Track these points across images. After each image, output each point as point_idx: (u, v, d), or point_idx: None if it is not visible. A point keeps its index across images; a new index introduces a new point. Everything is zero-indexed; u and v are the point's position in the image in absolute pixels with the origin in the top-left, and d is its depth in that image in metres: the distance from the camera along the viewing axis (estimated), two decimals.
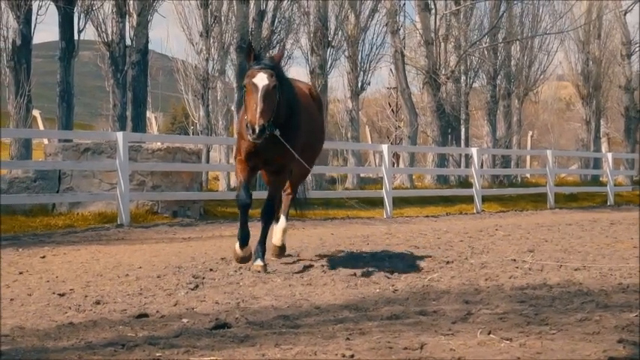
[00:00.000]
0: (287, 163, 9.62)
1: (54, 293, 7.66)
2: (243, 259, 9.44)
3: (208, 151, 29.01)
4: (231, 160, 28.14)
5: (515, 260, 10.26)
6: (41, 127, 29.81)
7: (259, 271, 9.02)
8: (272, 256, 10.26)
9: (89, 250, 11.91)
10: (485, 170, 31.28)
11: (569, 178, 40.36)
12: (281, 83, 9.06)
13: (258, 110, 8.56)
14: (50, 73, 26.26)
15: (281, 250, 10.54)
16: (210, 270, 9.33)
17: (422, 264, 9.97)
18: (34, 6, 23.01)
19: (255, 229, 9.66)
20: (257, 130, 8.49)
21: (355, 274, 8.85)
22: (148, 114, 31.22)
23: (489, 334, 5.47)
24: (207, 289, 7.97)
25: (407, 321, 6.07)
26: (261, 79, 8.76)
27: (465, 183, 29.76)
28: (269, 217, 9.64)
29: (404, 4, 62.05)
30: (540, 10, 37.54)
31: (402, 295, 7.41)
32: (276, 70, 9.01)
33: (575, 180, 39.57)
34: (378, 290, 7.81)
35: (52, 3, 23.42)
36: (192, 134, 33.14)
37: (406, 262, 10.13)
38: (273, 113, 8.81)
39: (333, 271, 9.19)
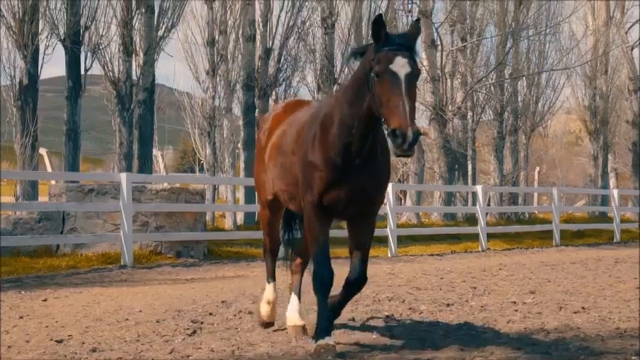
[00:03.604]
0: (381, 195, 7.06)
1: (52, 340, 7.67)
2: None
3: (215, 186, 29.11)
4: (238, 195, 28.17)
5: (515, 302, 10.26)
6: (48, 165, 30.04)
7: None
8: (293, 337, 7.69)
9: (91, 292, 11.94)
10: (491, 208, 31.37)
11: (577, 214, 40.22)
12: None
13: (407, 109, 5.94)
14: (60, 108, 26.40)
15: (303, 330, 7.80)
16: (210, 314, 9.32)
17: (422, 307, 9.97)
18: (41, 45, 23.23)
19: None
20: (410, 138, 5.85)
21: (354, 319, 8.84)
22: (155, 152, 31.41)
23: None
24: (205, 334, 7.97)
25: None
26: (403, 66, 6.13)
27: (472, 219, 29.71)
28: (359, 287, 7.11)
29: None
30: (547, 47, 37.77)
31: (398, 342, 7.40)
32: (414, 52, 6.38)
33: (584, 216, 39.45)
34: (374, 336, 7.79)
35: (59, 42, 23.63)
36: (199, 171, 33.26)
37: (406, 306, 10.11)
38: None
39: None
